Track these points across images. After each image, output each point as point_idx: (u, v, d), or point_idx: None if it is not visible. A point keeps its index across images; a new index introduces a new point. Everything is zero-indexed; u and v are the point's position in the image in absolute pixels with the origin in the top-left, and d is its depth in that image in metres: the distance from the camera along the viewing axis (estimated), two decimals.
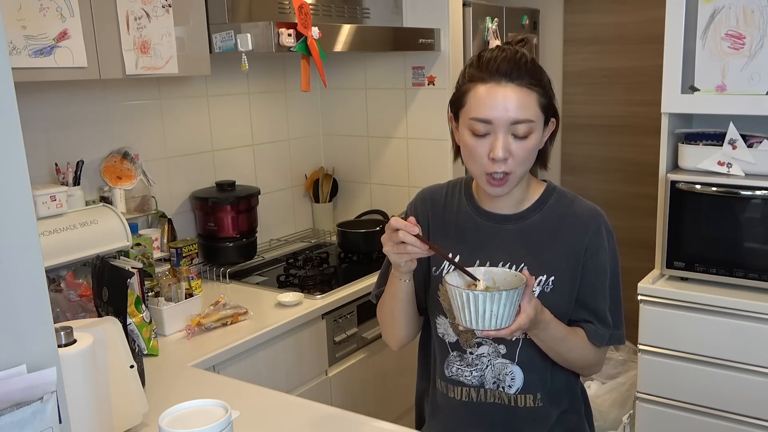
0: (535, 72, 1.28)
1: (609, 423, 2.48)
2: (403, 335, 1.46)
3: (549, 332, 1.27)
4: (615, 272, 1.37)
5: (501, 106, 1.24)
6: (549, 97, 1.30)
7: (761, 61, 2.10)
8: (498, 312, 1.14)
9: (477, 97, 1.26)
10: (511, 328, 1.17)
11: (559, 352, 1.31)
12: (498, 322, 1.15)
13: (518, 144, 1.26)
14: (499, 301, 1.13)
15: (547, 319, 1.26)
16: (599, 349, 1.37)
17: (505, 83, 1.24)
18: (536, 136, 1.27)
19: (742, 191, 2.10)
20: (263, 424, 1.43)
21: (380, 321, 1.49)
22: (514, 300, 1.15)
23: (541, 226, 1.35)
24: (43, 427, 0.73)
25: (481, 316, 1.14)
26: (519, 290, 1.15)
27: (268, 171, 2.84)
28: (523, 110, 1.24)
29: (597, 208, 1.38)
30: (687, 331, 2.14)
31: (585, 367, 1.39)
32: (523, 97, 1.24)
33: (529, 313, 1.18)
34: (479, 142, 1.27)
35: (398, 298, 1.37)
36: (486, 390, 1.38)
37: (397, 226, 1.21)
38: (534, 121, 1.26)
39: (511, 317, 1.16)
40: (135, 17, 1.88)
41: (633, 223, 3.25)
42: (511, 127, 1.25)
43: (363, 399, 2.38)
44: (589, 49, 3.46)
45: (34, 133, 2.03)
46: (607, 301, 1.35)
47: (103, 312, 1.69)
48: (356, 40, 2.33)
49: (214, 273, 2.45)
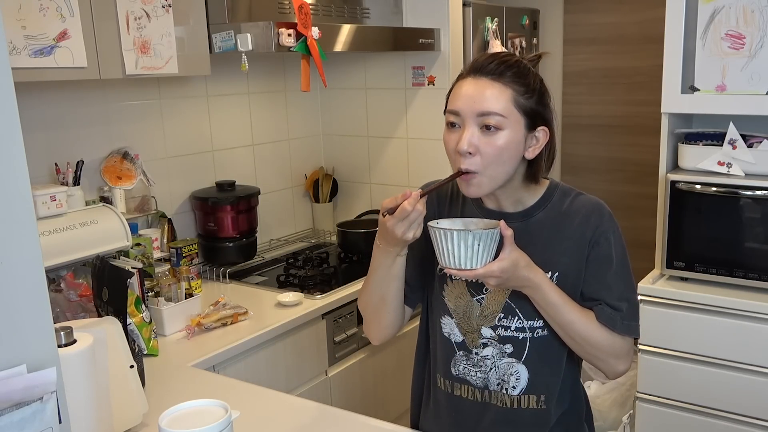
0: (520, 72, 1.25)
1: (609, 423, 2.48)
2: (390, 322, 1.41)
3: (542, 294, 1.24)
4: (622, 259, 1.33)
5: (469, 97, 1.24)
6: (535, 102, 1.26)
7: (761, 61, 2.10)
8: (454, 251, 1.16)
9: (455, 91, 1.29)
10: (476, 272, 1.17)
11: (561, 324, 1.28)
12: (456, 262, 1.17)
13: (487, 139, 1.23)
14: (452, 240, 1.15)
15: (538, 279, 1.23)
16: (613, 334, 1.31)
17: (479, 77, 1.25)
18: (509, 134, 1.23)
19: (742, 191, 2.10)
20: (263, 424, 1.43)
21: (365, 310, 1.43)
22: (470, 242, 1.15)
23: (545, 223, 1.34)
24: (43, 427, 0.73)
25: (441, 253, 1.18)
26: (475, 234, 1.15)
27: (268, 171, 2.84)
28: (492, 102, 1.22)
29: (599, 201, 1.36)
30: (687, 331, 2.14)
31: (600, 355, 1.32)
32: (495, 91, 1.23)
33: (503, 264, 1.17)
34: (450, 134, 1.27)
35: (393, 275, 1.33)
36: (490, 392, 1.37)
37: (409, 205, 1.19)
38: (504, 116, 1.22)
39: (472, 261, 1.17)
40: (135, 17, 1.88)
41: (633, 223, 3.24)
42: (479, 119, 1.23)
43: (363, 399, 2.38)
44: (589, 49, 3.46)
45: (34, 133, 2.03)
46: (613, 290, 1.31)
47: (103, 312, 1.69)
48: (356, 40, 2.33)
49: (214, 273, 2.45)
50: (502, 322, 1.33)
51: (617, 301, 1.31)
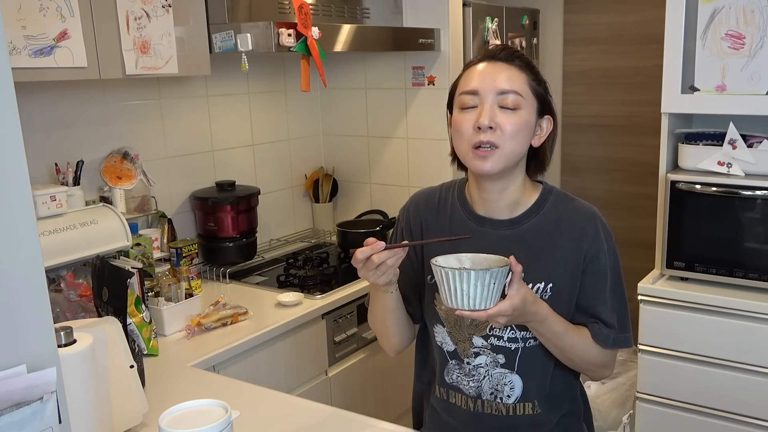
0: (530, 64, 1.32)
1: (609, 423, 2.48)
2: (398, 342, 1.45)
3: (547, 326, 1.24)
4: (616, 274, 1.34)
5: (488, 77, 1.27)
6: (543, 88, 1.32)
7: (761, 61, 2.10)
8: (470, 292, 1.12)
9: (467, 75, 1.31)
10: (489, 312, 1.13)
11: (561, 348, 1.29)
12: (471, 303, 1.13)
13: (506, 116, 1.25)
14: (469, 281, 1.11)
15: (544, 312, 1.23)
16: (605, 350, 1.33)
17: (495, 61, 1.29)
18: (525, 114, 1.26)
19: (742, 191, 2.10)
20: (263, 424, 1.43)
21: (373, 329, 1.48)
22: (486, 282, 1.11)
23: (538, 231, 1.33)
24: (43, 427, 0.73)
25: (453, 294, 1.14)
26: (492, 272, 1.11)
27: (268, 171, 2.84)
28: (511, 82, 1.27)
29: (593, 209, 1.36)
30: (687, 331, 2.14)
31: (591, 367, 1.36)
32: (513, 73, 1.28)
33: (514, 301, 1.15)
34: (466, 114, 1.28)
35: (389, 309, 1.36)
36: (483, 401, 1.37)
37: (364, 255, 1.18)
38: (522, 96, 1.26)
39: (486, 301, 1.13)
40: (135, 17, 1.88)
41: (633, 223, 3.25)
42: (498, 98, 1.25)
43: (363, 399, 2.38)
44: (589, 49, 3.46)
45: (34, 133, 2.03)
46: (609, 305, 1.33)
47: (103, 312, 1.69)
48: (356, 40, 2.33)
49: (214, 273, 2.45)
50: (494, 331, 1.33)
51: (610, 316, 1.32)
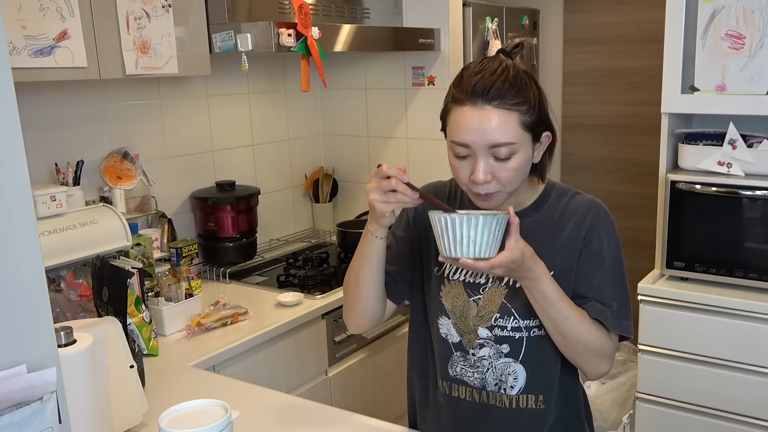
0: (519, 89, 1.22)
1: (609, 423, 2.48)
2: (364, 309, 1.38)
3: (540, 287, 1.23)
4: (616, 262, 1.33)
5: (477, 130, 1.20)
6: (537, 113, 1.25)
7: (761, 61, 2.10)
8: (476, 239, 1.11)
9: (455, 120, 1.24)
10: (491, 262, 1.13)
11: (554, 319, 1.26)
12: (477, 250, 1.12)
13: (501, 166, 1.23)
14: (476, 226, 1.11)
15: (540, 271, 1.22)
16: (603, 332, 1.30)
17: (482, 105, 1.20)
18: (521, 156, 1.24)
19: (742, 191, 2.10)
20: (263, 424, 1.43)
21: (344, 293, 1.43)
22: (492, 228, 1.12)
23: (542, 223, 1.34)
24: (43, 427, 0.73)
25: (459, 242, 1.12)
26: (498, 218, 1.12)
27: (268, 171, 2.84)
28: (502, 133, 1.20)
29: (596, 200, 1.36)
30: (687, 331, 2.14)
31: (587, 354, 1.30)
32: (502, 120, 1.20)
33: (513, 252, 1.15)
34: (461, 163, 1.26)
35: (368, 258, 1.32)
36: (487, 392, 1.37)
37: (389, 173, 1.19)
38: (515, 143, 1.22)
39: (491, 249, 1.13)
40: (135, 17, 1.88)
41: (633, 223, 3.25)
42: (491, 150, 1.22)
43: (363, 399, 2.38)
44: (589, 49, 3.46)
45: (34, 133, 2.03)
46: (602, 290, 1.30)
47: (103, 312, 1.69)
48: (356, 40, 2.33)
49: (214, 273, 2.45)
50: (498, 322, 1.33)
51: (608, 298, 1.31)
